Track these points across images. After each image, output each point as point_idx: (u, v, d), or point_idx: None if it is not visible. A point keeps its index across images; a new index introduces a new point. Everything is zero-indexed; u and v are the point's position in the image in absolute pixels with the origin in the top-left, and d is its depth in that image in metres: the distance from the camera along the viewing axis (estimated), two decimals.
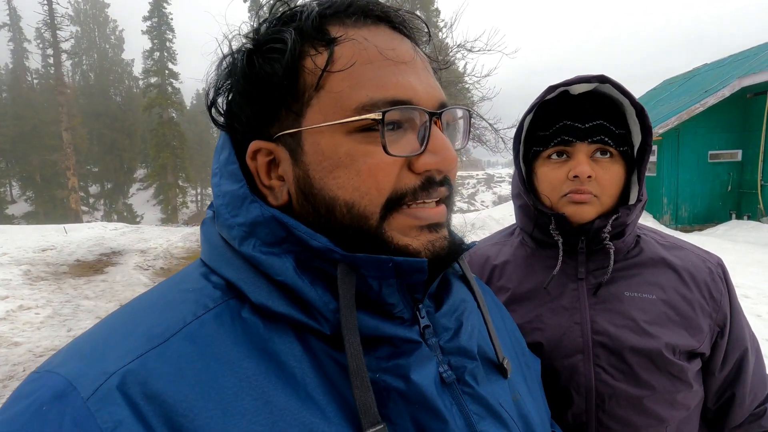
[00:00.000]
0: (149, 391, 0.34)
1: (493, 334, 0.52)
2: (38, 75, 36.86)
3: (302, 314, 0.40)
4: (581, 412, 0.75)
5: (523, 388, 0.55)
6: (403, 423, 0.40)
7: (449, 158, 0.43)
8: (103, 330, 0.40)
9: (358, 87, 0.41)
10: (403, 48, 0.44)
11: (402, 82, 0.42)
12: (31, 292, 6.56)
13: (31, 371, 0.39)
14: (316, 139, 0.42)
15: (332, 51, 0.41)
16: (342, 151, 0.41)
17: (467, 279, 0.55)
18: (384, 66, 0.42)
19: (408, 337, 0.42)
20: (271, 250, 0.41)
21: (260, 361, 0.38)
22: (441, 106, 0.45)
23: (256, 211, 0.41)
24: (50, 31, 26.18)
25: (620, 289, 0.79)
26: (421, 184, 0.42)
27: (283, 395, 0.37)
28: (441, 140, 0.43)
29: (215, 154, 0.49)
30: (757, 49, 11.29)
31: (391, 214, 0.42)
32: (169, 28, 33.85)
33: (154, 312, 0.40)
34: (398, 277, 0.41)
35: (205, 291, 0.42)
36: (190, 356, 0.36)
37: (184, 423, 0.33)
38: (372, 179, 0.41)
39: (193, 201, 44.72)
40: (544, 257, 0.85)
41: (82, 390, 0.34)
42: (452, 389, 0.44)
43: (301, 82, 0.42)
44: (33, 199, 32.04)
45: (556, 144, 0.79)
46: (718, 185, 9.96)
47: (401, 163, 0.42)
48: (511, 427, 0.46)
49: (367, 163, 0.41)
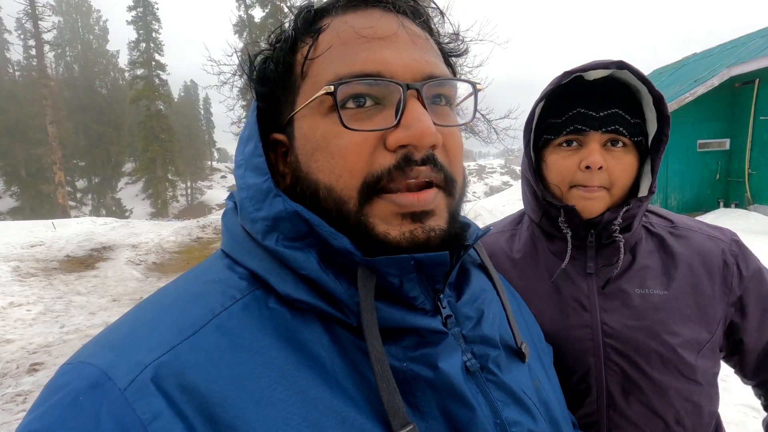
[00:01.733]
0: (184, 383, 0.34)
1: (512, 319, 0.52)
2: (20, 67, 35.85)
3: (328, 305, 0.40)
4: (592, 411, 0.75)
5: (542, 375, 0.55)
6: (431, 410, 0.40)
7: (422, 130, 0.39)
8: (131, 322, 0.40)
9: (329, 67, 0.41)
10: (384, 24, 0.43)
11: (372, 56, 0.41)
12: (21, 289, 6.46)
13: (63, 363, 0.38)
14: (301, 124, 0.43)
15: (315, 39, 0.43)
16: (318, 134, 0.41)
17: (485, 267, 0.55)
18: (357, 44, 0.42)
19: (434, 328, 0.42)
20: (293, 245, 0.40)
21: (290, 351, 0.38)
22: (427, 78, 0.42)
23: (279, 205, 0.41)
24: (31, 22, 25.50)
25: (631, 285, 0.77)
26: (396, 163, 0.40)
27: (314, 384, 0.37)
28: (415, 113, 0.40)
29: (239, 145, 0.48)
30: (746, 38, 11.40)
31: (372, 199, 0.40)
32: (154, 19, 33.16)
33: (181, 303, 0.40)
34: (419, 272, 0.41)
35: (230, 282, 0.41)
36: (221, 347, 0.36)
37: (219, 413, 0.33)
38: (342, 160, 0.40)
39: (183, 195, 44.27)
40: (553, 250, 0.83)
41: (118, 381, 0.33)
42: (476, 377, 0.44)
43: (294, 74, 0.44)
44: (18, 194, 31.41)
45: (568, 132, 0.75)
46: (706, 174, 10.10)
47: (374, 142, 0.40)
48: (534, 413, 0.47)
49: (337, 144, 0.40)
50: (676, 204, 10.43)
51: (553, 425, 0.50)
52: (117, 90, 43.04)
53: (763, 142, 9.04)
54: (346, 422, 0.36)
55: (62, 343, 4.51)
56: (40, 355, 4.22)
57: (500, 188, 48.50)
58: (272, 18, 15.73)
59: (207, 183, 52.39)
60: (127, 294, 6.45)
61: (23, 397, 3.40)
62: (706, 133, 10.07)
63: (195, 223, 12.89)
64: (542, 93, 0.77)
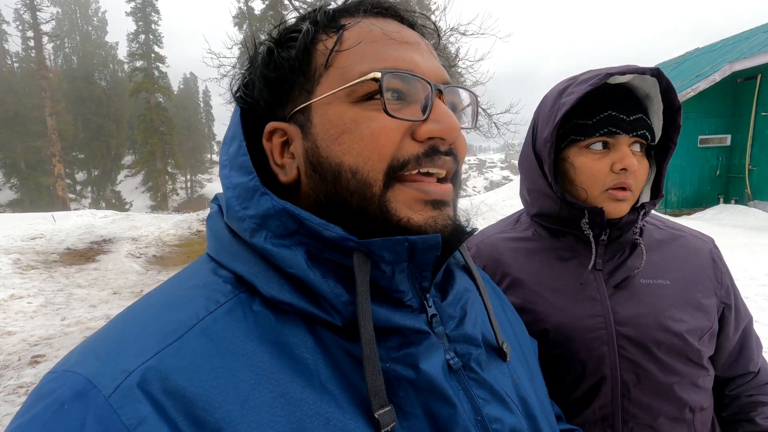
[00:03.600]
0: (169, 387, 0.34)
1: (493, 319, 0.54)
2: (19, 58, 35.63)
3: (313, 306, 0.41)
4: (608, 402, 0.76)
5: (522, 372, 0.56)
6: (413, 410, 0.41)
7: (451, 125, 0.43)
8: (116, 328, 0.40)
9: (361, 60, 0.43)
10: (408, 33, 0.47)
11: (404, 56, 0.44)
12: (22, 281, 6.49)
13: (47, 372, 0.38)
14: (324, 110, 0.44)
15: (341, 34, 0.45)
16: (347, 117, 0.43)
17: (469, 268, 0.57)
18: (388, 44, 0.44)
19: (417, 328, 0.43)
20: (282, 242, 0.41)
21: (274, 353, 0.38)
22: (446, 83, 0.47)
23: (267, 203, 0.41)
24: (29, 13, 25.34)
25: (636, 277, 0.80)
26: (424, 151, 0.43)
27: (298, 387, 0.37)
28: (444, 110, 0.44)
29: (224, 145, 0.48)
30: (749, 33, 11.34)
31: (395, 184, 0.42)
32: (154, 10, 32.94)
33: (166, 309, 0.40)
34: (411, 258, 0.42)
35: (215, 286, 0.42)
36: (206, 351, 0.37)
37: (204, 417, 0.34)
38: (374, 143, 0.42)
39: (183, 188, 44.24)
40: (557, 247, 0.84)
41: (103, 388, 0.34)
42: (458, 375, 0.45)
43: (313, 63, 0.45)
44: (18, 186, 31.38)
45: (601, 134, 0.76)
46: (707, 170, 10.10)
47: (404, 131, 0.43)
48: (512, 410, 0.48)
49: (370, 128, 0.42)
50: (677, 200, 10.43)
51: (530, 420, 0.51)
52: (116, 82, 42.84)
53: (764, 138, 9.03)
54: (330, 423, 0.37)
55: (63, 335, 4.54)
56: (42, 347, 4.25)
57: (500, 183, 48.46)
58: (272, 10, 15.61)
59: (207, 176, 52.26)
60: (128, 287, 6.48)
61: (25, 389, 3.43)
62: (708, 129, 10.05)
63: (195, 216, 12.89)
64: (576, 93, 0.75)
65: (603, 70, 0.76)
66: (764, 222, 8.13)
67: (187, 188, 45.53)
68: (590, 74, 0.77)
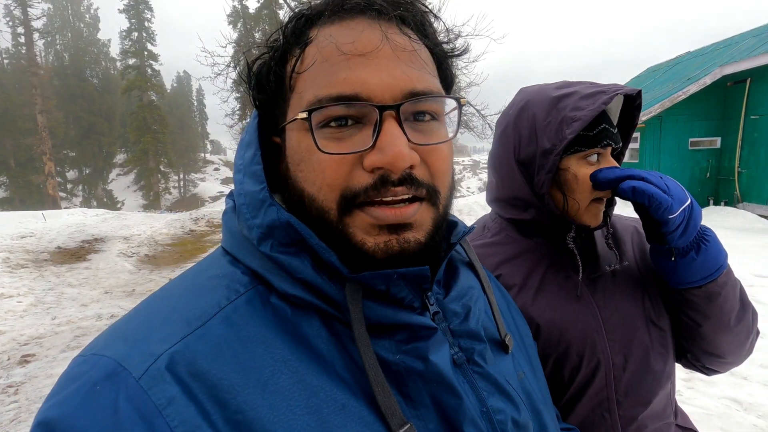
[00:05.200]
0: (195, 371, 0.36)
1: (497, 313, 0.55)
2: (9, 55, 35.12)
3: (325, 304, 0.42)
4: (603, 386, 0.80)
5: (527, 368, 0.58)
6: (422, 400, 0.43)
7: (394, 154, 0.40)
8: (140, 316, 0.42)
9: (310, 86, 0.43)
10: (366, 39, 0.42)
11: (350, 77, 0.41)
12: (12, 280, 6.41)
13: (75, 356, 0.40)
14: (290, 135, 0.45)
15: (302, 53, 0.44)
16: (303, 146, 0.43)
17: (473, 265, 0.58)
18: (337, 62, 0.42)
19: (424, 324, 0.44)
20: (288, 250, 0.43)
21: (291, 343, 0.40)
22: (408, 96, 0.42)
23: (273, 215, 0.43)
24: (20, 8, 25.02)
25: (603, 267, 0.86)
26: (372, 183, 0.41)
27: (315, 375, 0.39)
28: (389, 136, 0.40)
29: (239, 149, 0.49)
30: (739, 37, 11.49)
31: (353, 210, 0.42)
32: (147, 7, 32.66)
33: (188, 298, 0.42)
34: (405, 283, 0.44)
35: (234, 277, 0.43)
36: (228, 338, 0.38)
37: (228, 399, 0.35)
38: (321, 175, 0.42)
39: (176, 187, 43.90)
40: (532, 248, 0.87)
41: (133, 370, 0.35)
42: (463, 369, 0.47)
43: (285, 85, 0.46)
44: (7, 184, 30.95)
45: (602, 146, 0.80)
46: (697, 172, 10.22)
47: (351, 161, 0.41)
48: (517, 402, 0.49)
49: (318, 159, 0.42)
50: None
51: (535, 413, 0.53)
52: (108, 80, 42.42)
53: (753, 141, 9.16)
54: (345, 409, 0.39)
55: (54, 334, 4.49)
56: (32, 346, 4.20)
57: None
58: (266, 9, 15.55)
59: (200, 175, 51.91)
60: (119, 286, 6.42)
61: (15, 389, 3.39)
62: (698, 132, 10.17)
63: (188, 215, 12.81)
64: (590, 108, 0.75)
65: (611, 87, 0.78)
66: (753, 224, 8.26)
67: (179, 187, 45.18)
68: (594, 88, 0.78)
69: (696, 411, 2.68)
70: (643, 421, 0.81)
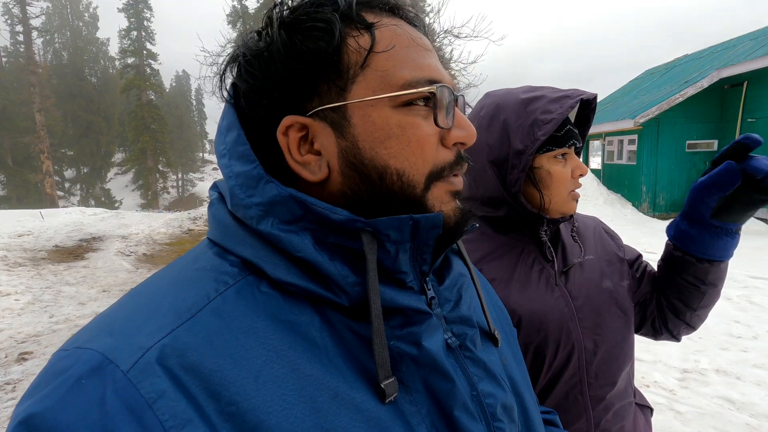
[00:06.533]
0: (186, 363, 0.35)
1: (486, 307, 0.57)
2: (7, 53, 35.00)
3: (320, 287, 0.42)
4: (576, 370, 0.87)
5: (508, 355, 0.60)
6: (415, 384, 0.43)
7: (473, 132, 0.49)
8: (126, 309, 0.41)
9: (401, 66, 0.45)
10: (425, 38, 0.49)
11: (433, 65, 0.47)
12: (9, 278, 6.40)
13: (56, 351, 0.38)
14: (367, 112, 0.44)
15: (374, 34, 0.45)
16: (393, 123, 0.44)
17: (462, 255, 0.60)
18: (417, 51, 0.47)
19: (419, 308, 0.45)
20: (289, 228, 0.42)
21: (283, 331, 0.40)
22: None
23: (272, 190, 0.42)
24: (19, 7, 24.95)
25: (572, 259, 0.93)
26: (454, 158, 0.47)
27: (307, 363, 0.39)
28: (463, 117, 0.49)
29: (219, 135, 0.48)
30: (736, 40, 11.56)
31: (434, 183, 0.46)
32: (146, 6, 32.63)
33: (176, 290, 0.41)
34: (415, 237, 0.44)
35: (222, 268, 0.43)
36: (219, 330, 0.38)
37: (221, 391, 0.35)
38: (420, 150, 0.45)
39: (174, 186, 43.79)
40: (505, 243, 0.92)
41: (120, 363, 0.34)
42: (456, 354, 0.48)
43: (345, 60, 0.44)
44: (5, 183, 30.84)
45: (569, 146, 0.87)
46: (694, 174, 10.27)
47: (438, 138, 0.46)
48: (504, 387, 0.51)
49: (416, 135, 0.44)
50: (665, 203, 10.59)
51: (517, 397, 0.55)
52: (107, 79, 42.31)
53: None
54: (338, 397, 0.39)
55: (51, 332, 4.50)
56: (29, 344, 4.21)
57: None
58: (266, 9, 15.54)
59: (198, 175, 51.76)
60: (117, 285, 6.42)
61: (12, 386, 3.40)
62: (695, 134, 10.22)
63: (186, 214, 12.79)
64: (559, 111, 0.83)
65: (574, 92, 0.86)
66: (748, 226, 8.29)
67: (178, 187, 45.08)
68: (559, 93, 0.86)
69: (689, 410, 2.71)
70: (611, 400, 0.89)
